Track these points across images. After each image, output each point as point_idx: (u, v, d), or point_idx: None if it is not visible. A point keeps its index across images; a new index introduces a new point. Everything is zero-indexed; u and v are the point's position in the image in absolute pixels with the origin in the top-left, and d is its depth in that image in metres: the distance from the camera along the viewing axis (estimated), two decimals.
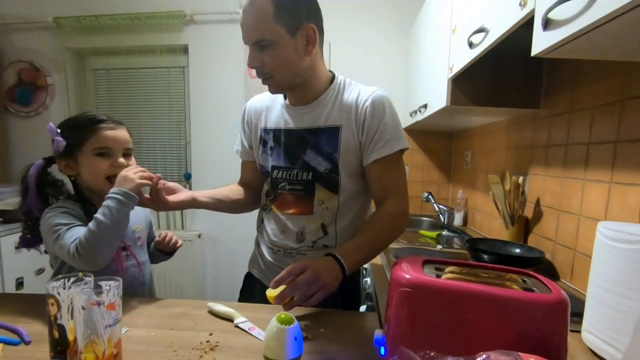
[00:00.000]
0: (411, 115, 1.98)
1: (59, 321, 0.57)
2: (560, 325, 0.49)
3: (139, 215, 1.04)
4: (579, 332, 0.71)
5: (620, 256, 0.61)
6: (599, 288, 0.65)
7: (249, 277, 1.09)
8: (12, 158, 2.70)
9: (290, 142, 0.94)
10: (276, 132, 0.96)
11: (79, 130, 0.89)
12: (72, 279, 0.60)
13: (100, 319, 0.55)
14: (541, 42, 0.71)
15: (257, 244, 1.08)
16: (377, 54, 2.40)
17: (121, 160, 0.92)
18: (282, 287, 0.72)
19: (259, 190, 1.06)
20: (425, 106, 1.69)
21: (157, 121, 2.70)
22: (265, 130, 0.98)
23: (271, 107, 1.00)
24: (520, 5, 0.81)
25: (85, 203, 0.92)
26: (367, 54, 2.40)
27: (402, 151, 0.91)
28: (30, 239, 0.92)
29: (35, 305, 0.79)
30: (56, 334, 0.58)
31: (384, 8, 2.37)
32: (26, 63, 2.61)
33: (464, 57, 1.16)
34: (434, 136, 2.44)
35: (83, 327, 0.55)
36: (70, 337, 0.57)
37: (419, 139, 2.45)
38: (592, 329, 0.67)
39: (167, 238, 1.06)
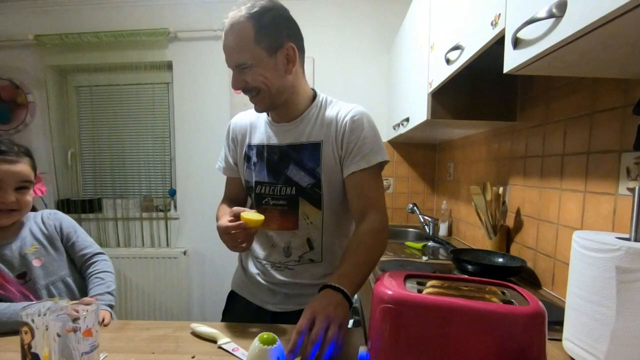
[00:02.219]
0: (394, 129, 2.02)
1: (32, 350, 0.55)
2: (538, 336, 0.50)
3: (34, 232, 0.98)
4: (561, 340, 0.72)
5: (594, 265, 0.63)
6: (577, 297, 0.67)
7: (232, 295, 1.07)
8: None
9: (273, 158, 0.95)
10: (259, 148, 0.97)
11: None
12: (47, 305, 0.59)
13: (77, 345, 0.53)
14: (512, 60, 0.74)
15: (241, 260, 1.07)
16: (359, 69, 2.45)
17: (10, 197, 0.89)
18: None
19: (244, 205, 1.06)
20: (407, 119, 1.73)
21: (141, 137, 2.67)
22: (249, 147, 0.99)
23: (255, 123, 1.01)
24: (492, 24, 0.84)
25: None
26: (350, 69, 2.45)
27: (381, 165, 0.91)
28: None
29: (7, 333, 0.76)
30: None
31: (366, 25, 2.43)
32: (6, 80, 2.57)
33: (442, 72, 1.20)
34: (418, 148, 2.48)
35: (58, 355, 0.53)
36: None
37: (403, 151, 2.49)
38: (572, 337, 0.68)
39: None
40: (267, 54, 0.83)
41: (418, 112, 1.51)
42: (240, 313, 1.01)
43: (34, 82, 2.59)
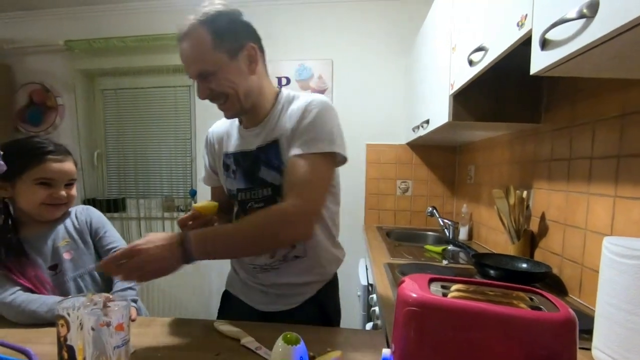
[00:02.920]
0: (414, 131, 2.00)
1: (68, 342, 0.58)
2: (568, 345, 0.49)
3: (67, 226, 1.02)
4: (590, 349, 0.70)
5: (627, 272, 0.61)
6: (607, 305, 0.65)
7: (226, 295, 1.09)
8: None
9: (247, 163, 0.95)
10: (236, 156, 0.97)
11: (23, 158, 0.91)
12: (82, 299, 0.61)
13: (109, 339, 0.55)
14: (539, 61, 0.73)
15: (232, 263, 1.09)
16: (378, 71, 2.44)
17: (63, 193, 0.95)
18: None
19: (230, 212, 1.05)
20: (427, 122, 1.71)
21: (163, 139, 2.74)
22: (227, 155, 1.00)
23: (230, 131, 1.01)
24: (518, 25, 0.83)
25: (8, 230, 0.93)
26: (369, 71, 2.44)
27: (325, 155, 0.83)
28: None
29: (45, 325, 0.80)
30: (65, 355, 0.58)
31: (385, 27, 2.42)
32: (37, 85, 2.69)
33: (465, 74, 1.18)
34: (437, 150, 2.45)
35: (92, 348, 0.55)
36: (79, 359, 0.58)
37: (422, 154, 2.46)
38: (602, 347, 0.66)
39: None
40: (229, 57, 0.83)
41: (439, 114, 1.49)
42: (235, 312, 1.02)
43: (64, 85, 2.70)
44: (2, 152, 0.88)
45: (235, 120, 1.01)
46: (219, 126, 1.06)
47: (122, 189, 2.80)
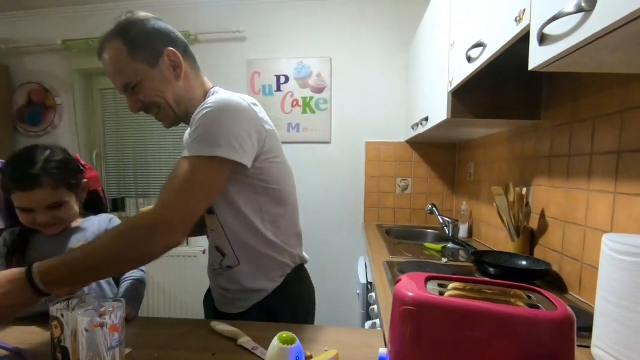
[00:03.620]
0: (413, 128, 1.99)
1: (62, 343, 0.57)
2: (566, 343, 0.48)
3: (85, 232, 0.99)
4: (589, 347, 0.69)
5: (626, 269, 0.60)
6: (606, 302, 0.64)
7: (207, 296, 1.10)
8: None
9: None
10: None
11: (3, 185, 0.89)
12: (76, 301, 0.61)
13: (103, 340, 0.55)
14: (538, 57, 0.72)
15: None
16: (377, 68, 2.43)
17: (44, 219, 0.89)
18: None
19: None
20: (426, 119, 1.70)
21: (163, 138, 2.74)
22: None
23: None
24: (516, 21, 0.82)
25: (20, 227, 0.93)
26: (368, 69, 2.43)
27: (209, 159, 0.74)
28: None
29: (39, 326, 0.79)
30: (59, 357, 0.58)
31: (384, 24, 2.41)
32: (36, 84, 2.68)
33: (463, 70, 1.17)
34: (437, 148, 2.44)
35: (86, 350, 0.55)
36: None
37: (421, 151, 2.45)
38: (601, 344, 0.65)
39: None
40: (149, 66, 0.81)
41: (438, 111, 1.48)
42: (209, 311, 1.04)
43: (62, 85, 2.70)
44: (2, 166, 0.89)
45: None
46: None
47: (121, 189, 2.80)
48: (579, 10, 0.57)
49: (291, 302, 0.95)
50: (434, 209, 2.12)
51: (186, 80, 0.86)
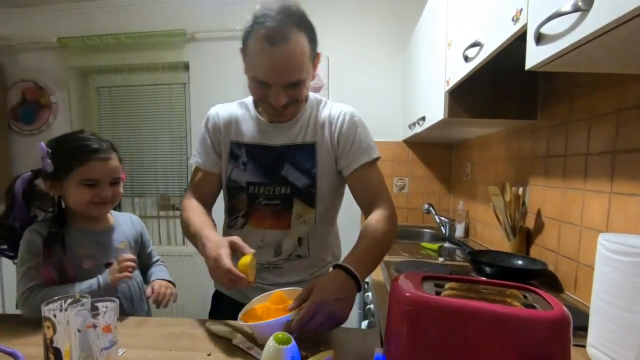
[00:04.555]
0: (410, 128, 1.99)
1: (55, 344, 0.56)
2: (562, 342, 0.48)
3: (124, 231, 1.03)
4: (584, 346, 0.69)
5: (621, 269, 0.60)
6: (602, 301, 0.64)
7: (218, 296, 1.08)
8: (14, 175, 2.72)
9: (268, 158, 0.93)
10: (250, 147, 0.94)
11: (69, 158, 0.89)
12: (69, 301, 0.60)
13: (96, 341, 0.54)
14: (534, 56, 0.72)
15: None
16: (374, 68, 2.43)
17: (107, 192, 0.92)
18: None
19: (211, 206, 1.01)
20: (423, 119, 1.70)
21: (159, 137, 2.72)
22: (237, 144, 0.95)
23: (241, 119, 0.97)
24: (513, 20, 0.82)
25: (56, 222, 0.92)
26: (365, 68, 2.43)
27: (377, 160, 0.94)
28: (7, 250, 0.93)
29: (32, 327, 0.78)
30: (52, 358, 0.57)
31: (381, 23, 2.41)
32: (30, 82, 2.66)
33: (460, 70, 1.17)
34: (434, 148, 2.44)
35: (79, 350, 0.54)
36: None
37: (418, 151, 2.45)
38: (597, 344, 0.66)
39: (158, 296, 0.98)
40: (312, 65, 0.85)
41: (435, 111, 1.48)
42: (228, 313, 1.00)
43: (57, 83, 2.67)
44: (50, 151, 0.88)
45: (249, 109, 0.98)
46: (225, 110, 0.99)
47: None
48: (576, 9, 0.57)
49: None
50: (431, 208, 2.12)
51: None
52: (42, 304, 0.57)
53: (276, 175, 0.93)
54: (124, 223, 1.05)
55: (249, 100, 1.00)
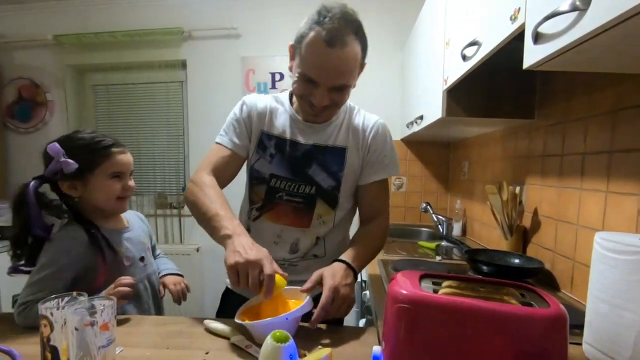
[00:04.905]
0: (408, 127, 1.99)
1: (51, 342, 0.56)
2: (559, 340, 0.49)
3: (139, 226, 1.06)
4: (581, 344, 0.70)
5: (617, 267, 0.61)
6: (598, 300, 0.65)
7: (228, 294, 1.07)
8: (10, 174, 2.70)
9: (296, 155, 0.94)
10: (280, 141, 0.95)
11: (92, 154, 0.89)
12: (66, 299, 0.60)
13: (94, 339, 0.54)
14: (532, 55, 0.72)
15: None
16: (372, 66, 2.39)
17: (131, 183, 0.96)
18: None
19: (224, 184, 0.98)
20: (421, 117, 1.70)
21: (156, 135, 2.71)
22: (268, 135, 0.96)
23: (275, 112, 0.98)
24: (511, 19, 0.82)
25: (89, 225, 0.90)
26: None
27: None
28: (24, 265, 0.87)
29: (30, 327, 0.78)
30: (49, 356, 0.57)
31: (379, 22, 2.40)
32: (26, 80, 2.64)
33: (458, 69, 1.18)
34: (431, 146, 2.45)
35: (76, 349, 0.54)
36: (63, 359, 0.56)
37: (416, 150, 2.46)
38: (593, 342, 0.66)
39: (178, 294, 1.07)
40: (358, 74, 0.87)
41: (432, 109, 1.49)
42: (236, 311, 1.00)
43: (53, 81, 2.65)
44: (63, 151, 0.86)
45: (284, 104, 0.99)
46: (260, 100, 0.99)
47: None
48: (574, 8, 0.57)
49: None
50: (428, 207, 2.13)
51: None
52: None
53: (302, 174, 0.93)
54: (133, 219, 1.06)
55: (284, 96, 1.01)
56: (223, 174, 0.94)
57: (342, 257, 0.86)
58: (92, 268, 0.86)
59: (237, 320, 0.72)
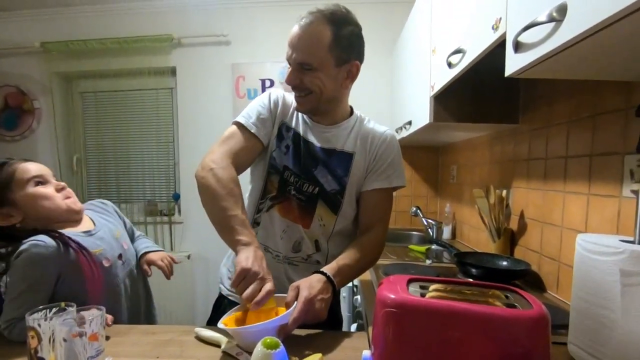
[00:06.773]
0: (397, 132, 2.02)
1: (39, 354, 0.56)
2: (542, 340, 0.50)
3: (105, 219, 1.03)
4: (566, 344, 0.71)
5: (598, 268, 0.63)
6: (581, 300, 0.67)
7: (219, 302, 1.05)
8: None
9: (305, 152, 0.96)
10: (296, 135, 0.97)
11: None
12: (54, 310, 0.59)
13: (82, 350, 0.54)
14: (513, 63, 0.74)
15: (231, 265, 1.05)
16: (362, 73, 2.43)
17: (60, 182, 0.92)
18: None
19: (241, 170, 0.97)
20: (409, 123, 1.73)
21: (145, 142, 2.69)
22: (287, 127, 0.98)
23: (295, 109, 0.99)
24: (493, 28, 0.85)
25: (48, 232, 0.84)
26: None
27: (395, 188, 0.99)
28: None
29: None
30: None
31: (368, 28, 2.41)
32: (13, 87, 2.61)
33: (444, 76, 1.20)
34: (421, 151, 2.48)
35: None
36: None
37: (405, 155, 2.47)
38: (577, 341, 0.68)
39: (165, 268, 1.04)
40: (335, 63, 0.87)
41: (420, 115, 1.51)
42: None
43: (40, 88, 2.62)
44: None
45: None
46: (287, 94, 1.01)
47: (103, 194, 2.73)
48: (551, 19, 0.59)
49: (335, 298, 1.01)
50: (418, 211, 2.15)
51: (346, 90, 0.97)
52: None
53: (308, 172, 0.95)
54: (94, 212, 1.03)
55: None
56: (242, 160, 0.92)
57: (325, 269, 0.83)
58: (75, 265, 0.83)
59: (220, 325, 0.72)
